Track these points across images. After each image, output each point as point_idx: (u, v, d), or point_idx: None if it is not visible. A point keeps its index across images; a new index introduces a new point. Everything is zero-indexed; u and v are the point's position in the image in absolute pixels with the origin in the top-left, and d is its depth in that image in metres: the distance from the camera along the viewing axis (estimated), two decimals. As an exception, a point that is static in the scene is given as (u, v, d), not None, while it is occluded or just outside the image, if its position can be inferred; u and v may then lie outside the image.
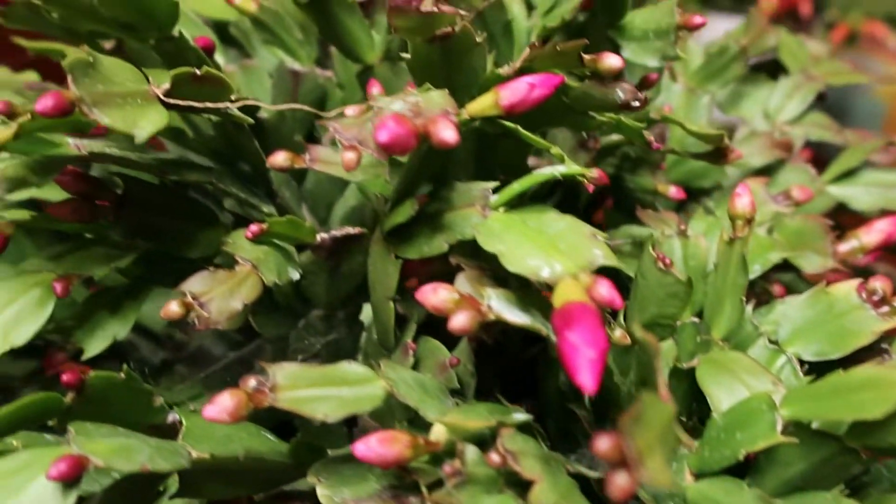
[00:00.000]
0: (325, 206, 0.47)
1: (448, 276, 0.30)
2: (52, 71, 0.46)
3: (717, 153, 0.40)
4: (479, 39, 0.34)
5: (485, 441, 0.28)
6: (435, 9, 0.31)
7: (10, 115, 0.41)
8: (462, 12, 0.32)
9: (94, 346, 0.34)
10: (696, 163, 0.47)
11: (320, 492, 0.30)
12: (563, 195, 0.45)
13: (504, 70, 0.34)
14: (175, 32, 0.38)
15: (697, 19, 0.38)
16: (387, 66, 0.45)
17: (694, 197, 0.48)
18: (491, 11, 0.41)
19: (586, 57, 0.32)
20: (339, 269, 0.38)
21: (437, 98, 0.31)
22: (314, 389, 0.29)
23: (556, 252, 0.28)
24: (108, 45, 0.42)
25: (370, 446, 0.27)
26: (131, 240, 0.35)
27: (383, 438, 0.27)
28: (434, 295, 0.29)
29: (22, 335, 0.31)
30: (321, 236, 0.36)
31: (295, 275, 0.35)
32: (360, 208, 0.44)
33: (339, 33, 0.43)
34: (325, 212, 0.47)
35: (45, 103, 0.26)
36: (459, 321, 0.28)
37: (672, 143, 0.46)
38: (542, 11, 0.45)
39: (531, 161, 0.40)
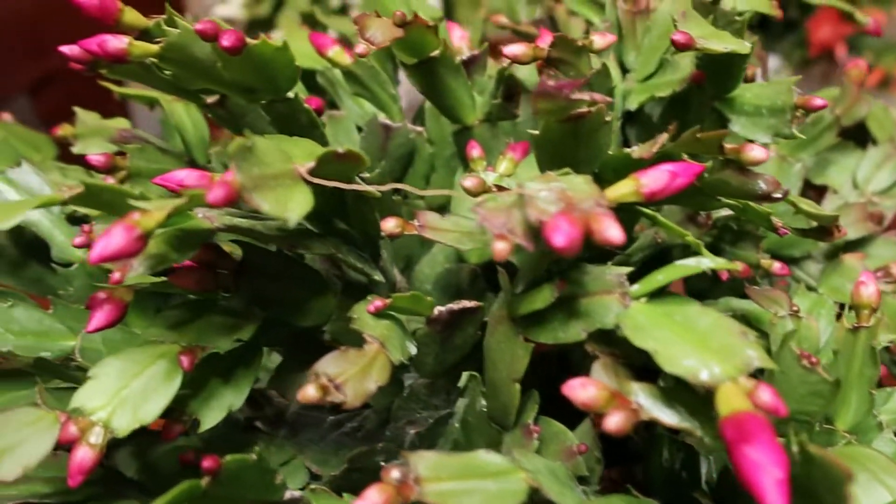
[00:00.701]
0: (403, 258, 0.47)
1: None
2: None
3: (824, 231, 0.40)
4: (608, 118, 0.34)
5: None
6: (584, 96, 0.30)
7: (111, 169, 0.41)
8: (597, 96, 0.32)
9: (211, 417, 0.34)
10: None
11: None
12: (653, 260, 0.45)
13: (636, 153, 0.34)
14: (290, 94, 0.38)
15: (818, 101, 0.37)
16: (485, 127, 0.44)
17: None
18: (597, 78, 0.41)
19: (728, 147, 0.32)
20: (450, 340, 0.37)
21: (583, 185, 0.30)
22: (458, 482, 0.28)
23: (710, 352, 0.28)
24: (211, 99, 0.41)
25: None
26: (250, 308, 0.34)
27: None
28: (583, 391, 0.28)
29: (151, 411, 0.30)
30: (439, 310, 0.36)
31: (413, 350, 0.35)
32: (456, 272, 0.43)
33: (441, 94, 0.43)
34: (402, 263, 0.47)
35: (216, 195, 0.25)
36: (616, 423, 0.27)
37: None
38: (640, 77, 0.45)
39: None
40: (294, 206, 0.28)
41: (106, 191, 0.30)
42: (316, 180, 0.30)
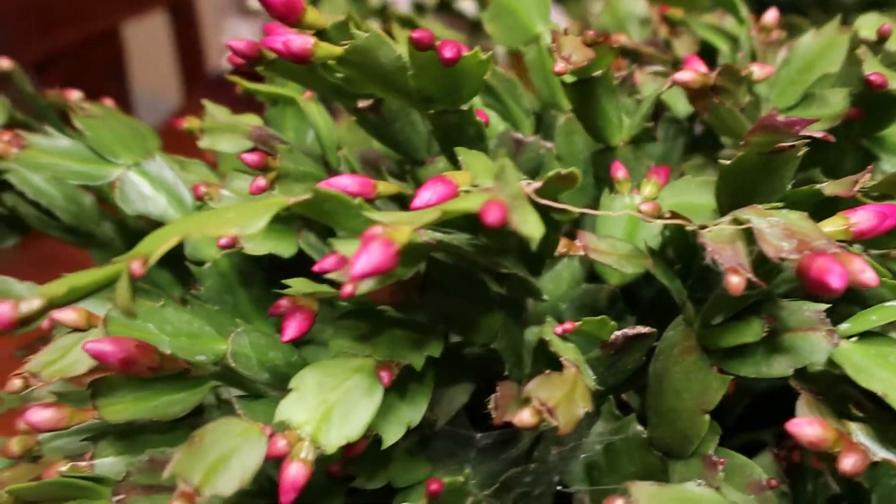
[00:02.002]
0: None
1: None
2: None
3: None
4: (800, 154, 0.34)
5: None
6: (816, 134, 0.30)
7: (264, 168, 0.39)
8: (817, 134, 0.32)
9: (392, 434, 0.33)
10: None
11: None
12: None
13: (828, 189, 0.34)
14: (465, 106, 0.37)
15: None
16: (629, 149, 0.44)
17: None
18: (749, 109, 0.41)
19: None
20: (617, 365, 0.37)
21: (801, 222, 0.30)
22: (678, 515, 0.28)
23: (938, 396, 0.28)
24: (364, 104, 0.40)
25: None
26: (434, 323, 0.34)
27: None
28: (811, 429, 0.28)
29: (356, 428, 0.29)
30: (615, 335, 0.35)
31: (592, 374, 0.34)
32: (594, 292, 0.43)
33: (594, 113, 0.42)
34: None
35: (495, 216, 0.24)
36: (852, 465, 0.27)
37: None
38: (784, 106, 0.45)
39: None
40: (533, 227, 0.28)
41: (330, 199, 0.29)
42: (543, 201, 0.30)
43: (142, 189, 0.41)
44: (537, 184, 0.29)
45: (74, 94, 0.45)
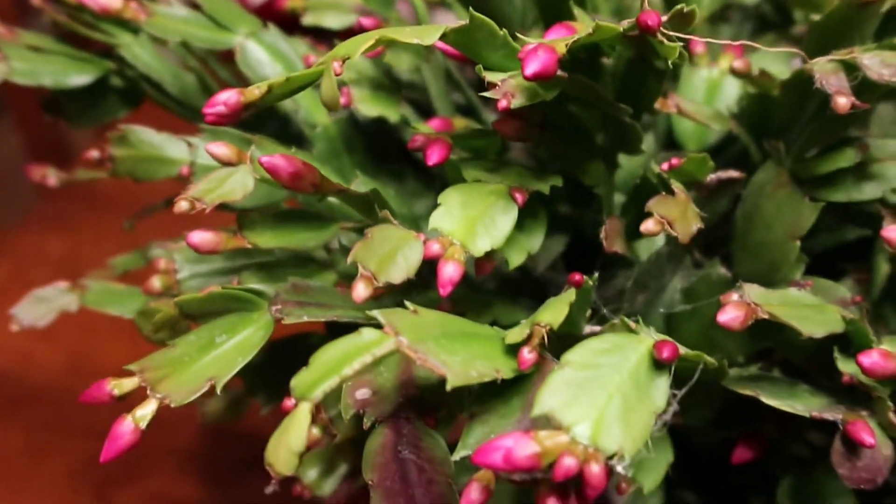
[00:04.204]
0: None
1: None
2: None
3: None
4: (883, 9, 0.37)
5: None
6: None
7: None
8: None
9: (516, 258, 0.36)
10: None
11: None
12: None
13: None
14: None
15: None
16: (706, 25, 0.47)
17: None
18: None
19: None
20: (708, 207, 0.40)
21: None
22: (784, 308, 0.32)
23: None
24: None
25: (874, 360, 0.30)
26: (552, 160, 0.37)
27: (884, 354, 0.30)
28: (901, 232, 0.32)
29: (499, 236, 0.33)
30: (710, 177, 0.39)
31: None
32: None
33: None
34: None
35: (652, 20, 0.28)
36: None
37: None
38: None
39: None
40: (668, 48, 0.31)
41: (483, 27, 0.32)
42: (669, 32, 0.33)
43: (259, 56, 0.44)
44: (664, 17, 0.33)
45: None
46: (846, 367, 0.32)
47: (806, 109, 0.38)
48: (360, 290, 0.29)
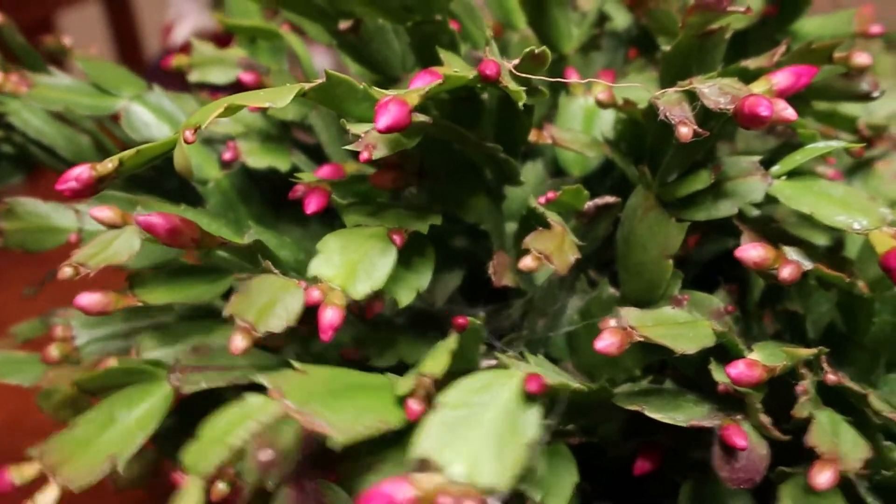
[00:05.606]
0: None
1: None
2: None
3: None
4: (727, 36, 0.40)
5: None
6: (739, 9, 0.36)
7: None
8: (747, 9, 0.38)
9: (405, 296, 0.37)
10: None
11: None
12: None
13: (752, 64, 0.40)
14: (440, 16, 0.42)
15: (875, 28, 0.45)
16: (579, 56, 0.50)
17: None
18: (682, 10, 0.47)
19: (837, 55, 0.39)
20: (590, 234, 0.42)
21: (732, 83, 0.36)
22: (660, 328, 0.34)
23: (853, 210, 0.35)
24: (345, 25, 0.44)
25: (740, 370, 0.32)
26: (431, 204, 0.38)
27: (749, 364, 0.32)
28: (755, 251, 0.34)
29: (379, 278, 0.34)
30: (588, 204, 0.41)
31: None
32: (561, 184, 0.48)
33: (546, 24, 0.48)
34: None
35: (491, 70, 0.29)
36: (789, 272, 0.34)
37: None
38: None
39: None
40: (518, 91, 0.33)
41: (341, 84, 0.33)
42: (522, 75, 0.35)
43: (144, 118, 0.44)
44: (515, 61, 0.35)
45: (68, 39, 0.48)
46: (720, 376, 0.34)
47: (669, 135, 0.40)
48: (238, 342, 0.30)
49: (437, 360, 0.30)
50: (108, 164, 0.29)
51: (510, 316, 0.44)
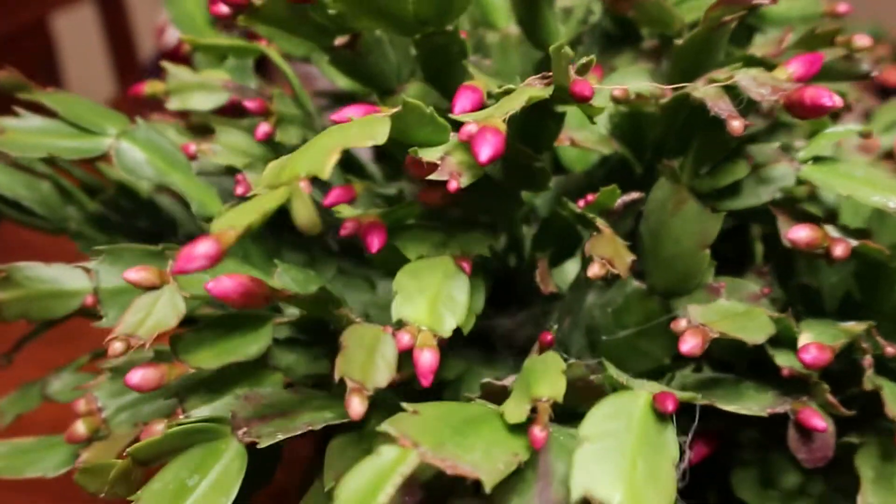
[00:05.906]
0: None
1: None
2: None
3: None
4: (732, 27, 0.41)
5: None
6: (764, 1, 0.37)
7: (266, 113, 0.41)
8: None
9: (467, 323, 0.36)
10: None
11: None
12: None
13: (758, 52, 0.42)
14: (451, 26, 0.40)
15: (843, 7, 0.48)
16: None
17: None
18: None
19: (840, 38, 0.41)
20: (617, 230, 0.43)
21: (761, 74, 0.37)
22: (726, 322, 0.35)
23: (882, 189, 0.37)
24: (341, 41, 0.42)
25: (813, 355, 0.33)
26: (476, 216, 0.38)
27: (819, 348, 0.34)
28: (804, 232, 0.36)
29: (460, 312, 0.33)
30: (617, 202, 0.41)
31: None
32: (568, 180, 0.48)
33: (536, 23, 0.47)
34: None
35: (582, 89, 0.29)
36: (841, 250, 0.35)
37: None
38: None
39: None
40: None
41: (414, 109, 0.31)
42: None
43: (135, 156, 0.40)
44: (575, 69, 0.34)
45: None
46: (784, 360, 0.35)
47: (688, 126, 0.41)
48: (357, 406, 0.28)
49: (553, 382, 0.30)
50: (231, 233, 0.25)
51: (547, 319, 0.44)
